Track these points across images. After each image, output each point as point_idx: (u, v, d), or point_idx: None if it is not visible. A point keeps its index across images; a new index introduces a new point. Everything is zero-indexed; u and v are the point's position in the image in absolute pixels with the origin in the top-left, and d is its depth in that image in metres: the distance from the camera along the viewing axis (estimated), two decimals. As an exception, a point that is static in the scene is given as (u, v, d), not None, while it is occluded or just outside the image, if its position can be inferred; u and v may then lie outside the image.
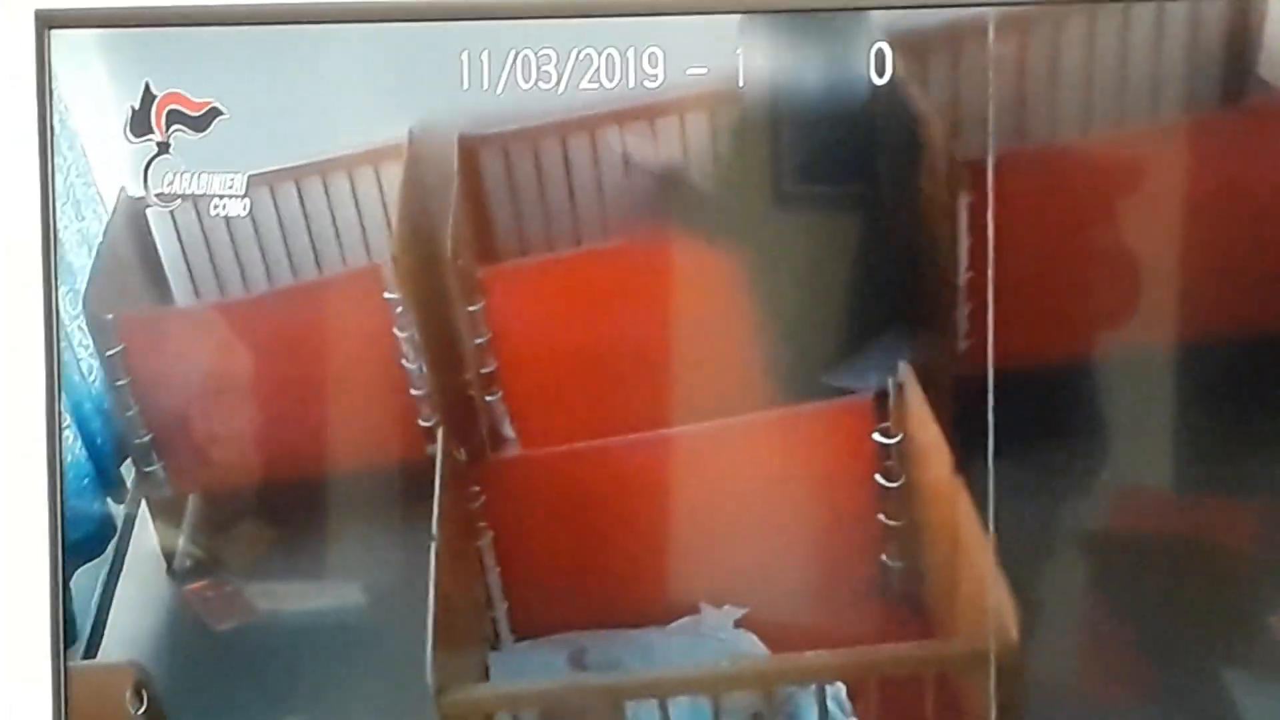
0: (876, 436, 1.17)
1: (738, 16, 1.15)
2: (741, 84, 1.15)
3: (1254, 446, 1.12)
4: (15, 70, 1.25)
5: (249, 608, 1.27)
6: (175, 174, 1.23)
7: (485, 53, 1.17)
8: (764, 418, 1.19)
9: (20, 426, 1.28)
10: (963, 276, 1.13)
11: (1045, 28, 1.12)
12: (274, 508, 1.27)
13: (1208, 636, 1.15)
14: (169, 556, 1.29)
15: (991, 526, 1.12)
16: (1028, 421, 1.13)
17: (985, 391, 1.12)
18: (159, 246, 1.25)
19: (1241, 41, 1.10)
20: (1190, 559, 1.14)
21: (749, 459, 1.19)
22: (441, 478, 1.21)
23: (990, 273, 1.12)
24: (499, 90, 1.17)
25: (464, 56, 1.17)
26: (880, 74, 1.13)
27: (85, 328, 1.27)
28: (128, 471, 1.29)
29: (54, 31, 1.24)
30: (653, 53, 1.15)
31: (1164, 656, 1.15)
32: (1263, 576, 1.14)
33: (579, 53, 1.16)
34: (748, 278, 1.19)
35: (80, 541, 1.28)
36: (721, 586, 1.20)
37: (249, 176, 1.22)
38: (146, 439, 1.28)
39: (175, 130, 1.23)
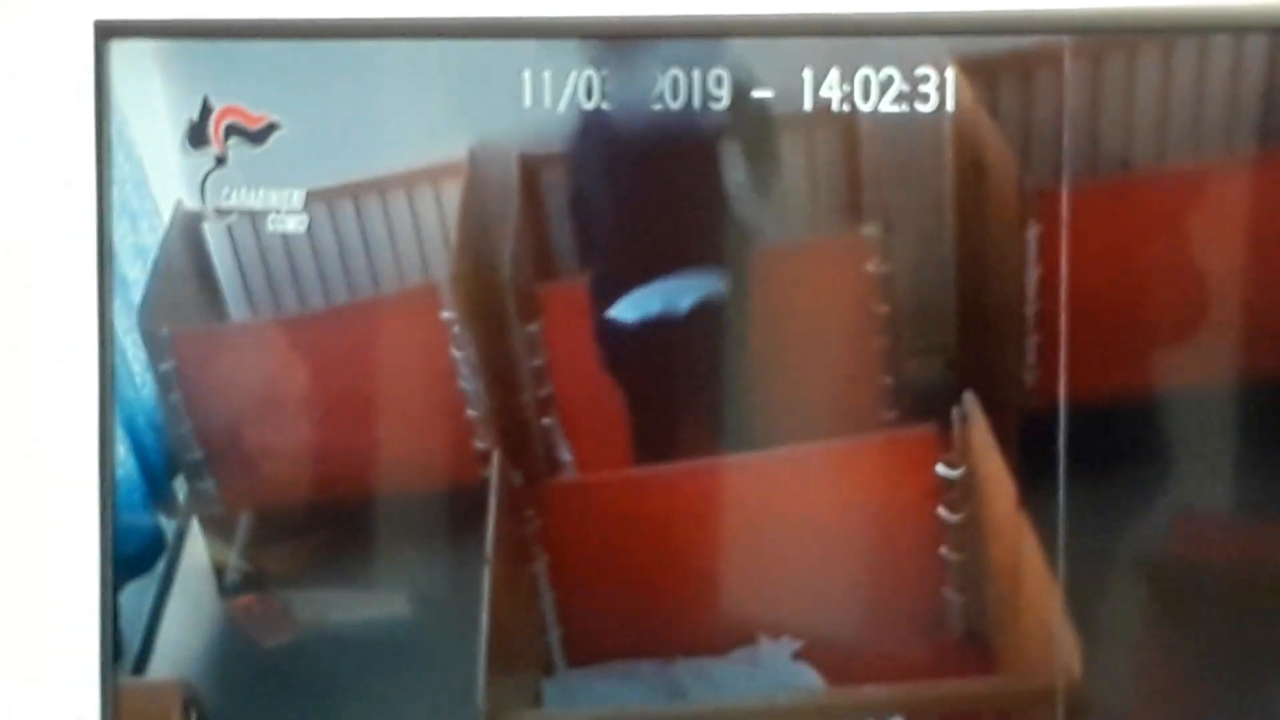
0: (939, 469, 1.15)
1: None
2: (808, 108, 1.14)
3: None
4: (74, 80, 1.25)
5: (297, 624, 1.26)
6: (232, 188, 1.23)
7: (547, 72, 1.16)
8: (826, 447, 1.18)
9: (72, 440, 1.28)
10: (1031, 307, 1.12)
11: (1120, 56, 1.10)
12: (326, 526, 1.26)
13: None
14: (219, 573, 1.28)
15: (1061, 562, 1.11)
16: (1096, 456, 1.11)
17: (1053, 425, 1.11)
18: (215, 261, 1.25)
19: (1322, 75, 1.09)
20: (1262, 592, 1.13)
21: (810, 488, 1.18)
22: (496, 500, 1.20)
23: (1063, 304, 1.10)
24: (561, 109, 1.16)
25: (526, 75, 1.16)
26: (946, 99, 1.12)
27: (139, 341, 1.26)
28: (179, 487, 1.28)
29: (113, 42, 1.23)
30: (718, 74, 1.14)
31: (1235, 692, 1.14)
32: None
33: (643, 73, 1.15)
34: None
35: (130, 557, 1.27)
36: (779, 618, 1.19)
37: (307, 192, 1.22)
38: (199, 455, 1.27)
39: (233, 144, 1.22)
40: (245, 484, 1.28)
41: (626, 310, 1.18)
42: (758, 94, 1.14)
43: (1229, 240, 1.11)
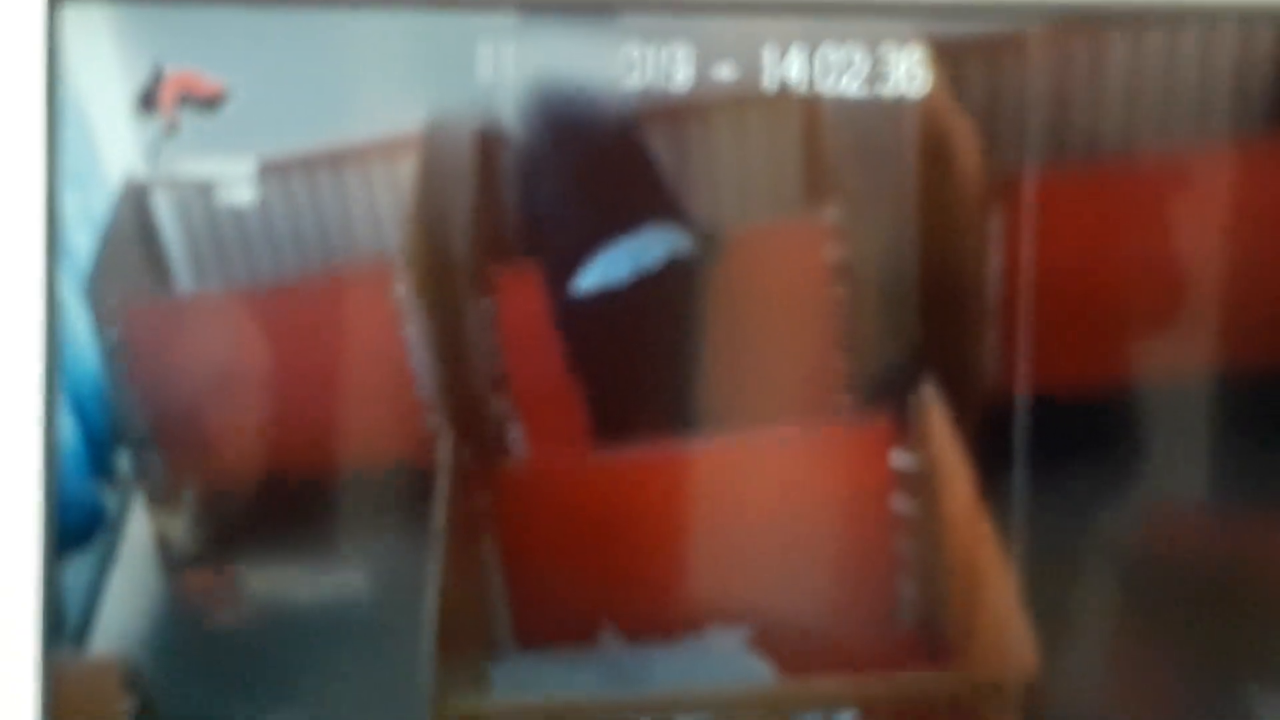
0: (895, 458, 1.14)
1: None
2: (768, 87, 1.12)
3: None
4: (24, 44, 1.23)
5: (245, 601, 1.25)
6: (183, 157, 1.20)
7: (505, 45, 1.15)
8: (780, 433, 1.17)
9: (15, 410, 1.26)
10: (993, 295, 1.11)
11: (1088, 42, 1.09)
12: (275, 503, 1.25)
13: (1244, 665, 1.13)
14: (164, 548, 1.26)
15: (1019, 556, 1.10)
16: (1057, 448, 1.11)
17: (1014, 415, 1.10)
18: (164, 231, 1.23)
19: (1292, 64, 1.08)
20: (1228, 588, 1.13)
21: (764, 475, 1.17)
22: (447, 481, 1.19)
23: (1026, 292, 1.09)
24: (518, 84, 1.15)
25: (483, 49, 1.15)
26: (916, 84, 1.11)
27: (86, 311, 1.24)
28: (123, 459, 1.26)
29: (66, 5, 1.21)
30: (677, 51, 1.13)
31: (1198, 690, 1.13)
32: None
33: (601, 49, 1.14)
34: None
35: (71, 530, 1.25)
36: (731, 606, 1.18)
37: (259, 164, 1.20)
38: (144, 427, 1.25)
39: (185, 112, 1.20)
40: (191, 458, 1.26)
41: (596, 274, 1.17)
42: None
43: (1196, 229, 1.10)
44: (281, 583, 1.25)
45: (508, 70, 1.15)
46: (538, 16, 1.14)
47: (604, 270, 1.16)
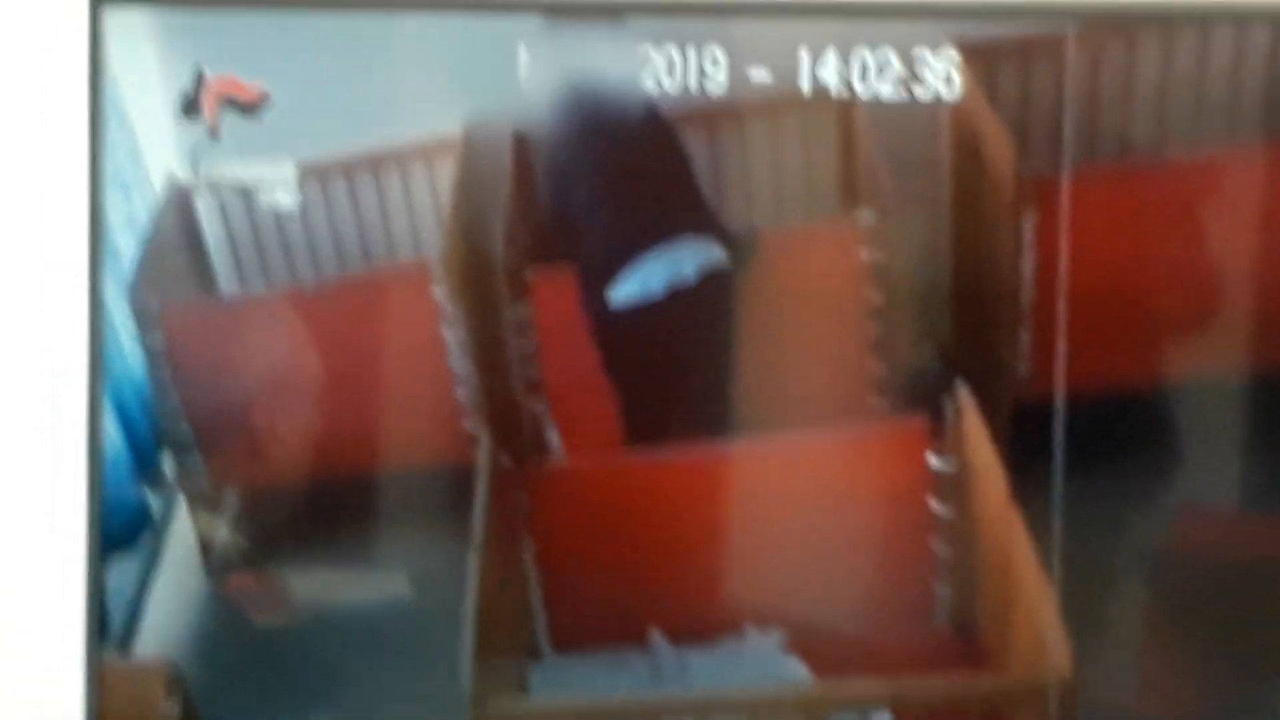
0: (930, 459, 1.14)
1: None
2: (804, 91, 1.12)
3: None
4: (67, 48, 1.23)
5: (290, 604, 1.25)
6: (225, 161, 1.21)
7: (543, 48, 1.15)
8: (815, 435, 1.17)
9: (60, 412, 1.26)
10: (1026, 297, 1.10)
11: (1122, 44, 1.09)
12: (315, 506, 1.25)
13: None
14: (207, 550, 1.27)
15: (1053, 558, 1.10)
16: (1089, 449, 1.10)
17: (1047, 417, 1.10)
18: (206, 234, 1.23)
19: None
20: (1263, 591, 1.12)
21: (799, 477, 1.17)
22: (485, 483, 1.19)
23: (1059, 294, 1.09)
24: (556, 87, 1.15)
25: (521, 50, 1.15)
26: (944, 84, 1.10)
27: (129, 314, 1.25)
28: (166, 463, 1.27)
29: (108, 9, 1.21)
30: (714, 54, 1.13)
31: (1234, 693, 1.13)
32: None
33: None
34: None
35: (115, 533, 1.26)
36: (768, 608, 1.18)
37: (299, 166, 1.20)
38: (187, 429, 1.26)
39: (226, 116, 1.21)
40: (233, 460, 1.27)
41: (632, 286, 1.17)
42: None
43: (1229, 230, 1.09)
44: (322, 585, 1.26)
45: (544, 76, 1.15)
46: (571, 21, 1.14)
47: (639, 283, 1.16)
